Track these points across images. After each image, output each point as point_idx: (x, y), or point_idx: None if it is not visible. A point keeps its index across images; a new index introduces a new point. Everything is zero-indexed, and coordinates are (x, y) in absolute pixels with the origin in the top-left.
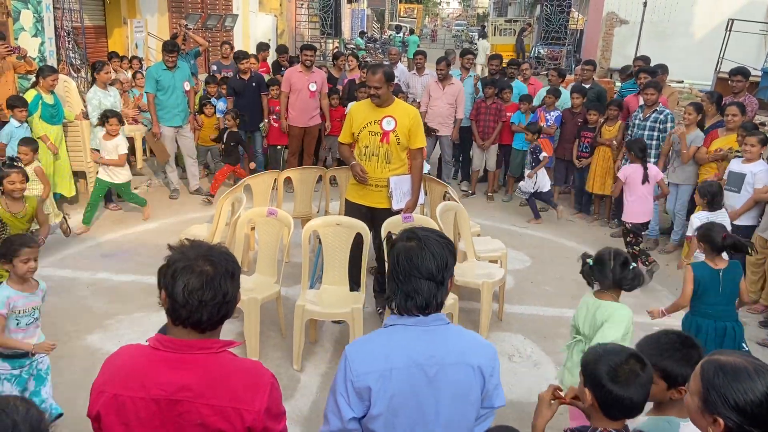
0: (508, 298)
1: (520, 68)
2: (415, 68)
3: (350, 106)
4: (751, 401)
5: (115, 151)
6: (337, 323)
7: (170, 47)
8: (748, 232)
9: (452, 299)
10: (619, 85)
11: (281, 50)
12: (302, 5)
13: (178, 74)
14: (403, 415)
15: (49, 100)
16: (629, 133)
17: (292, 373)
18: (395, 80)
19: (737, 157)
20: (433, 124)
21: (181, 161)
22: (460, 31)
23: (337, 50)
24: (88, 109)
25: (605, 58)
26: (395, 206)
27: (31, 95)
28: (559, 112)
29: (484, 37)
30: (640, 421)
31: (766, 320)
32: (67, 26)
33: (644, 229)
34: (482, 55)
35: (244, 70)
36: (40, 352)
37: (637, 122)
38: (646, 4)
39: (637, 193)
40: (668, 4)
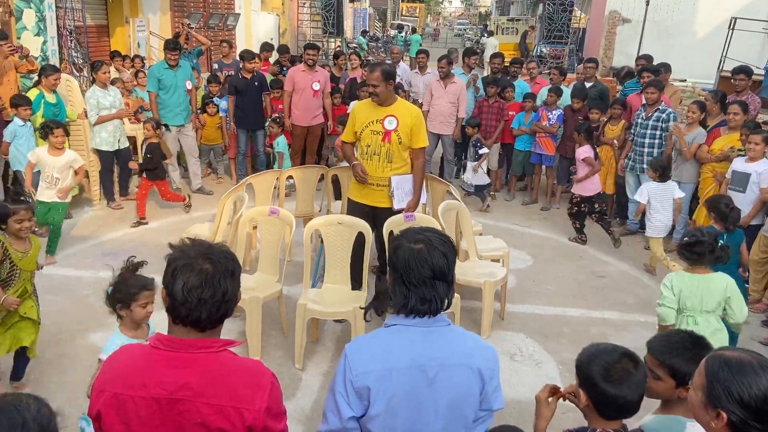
0: (509, 297)
1: (527, 67)
2: (417, 67)
3: (352, 105)
4: (755, 395)
5: (67, 169)
6: (338, 322)
7: (172, 45)
8: (754, 231)
9: (454, 298)
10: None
11: (282, 50)
12: (304, 4)
13: (180, 73)
14: (401, 415)
15: (51, 99)
16: (632, 132)
17: (293, 372)
18: (396, 79)
19: (740, 156)
20: (435, 123)
21: (183, 160)
22: (463, 29)
23: (338, 49)
24: (86, 108)
25: (608, 56)
26: (396, 206)
27: (33, 94)
28: (560, 110)
29: (490, 35)
30: (646, 419)
31: None
32: (69, 25)
33: (591, 201)
34: (490, 52)
35: (249, 69)
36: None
37: (639, 121)
38: (648, 2)
39: (587, 171)
40: (671, 2)
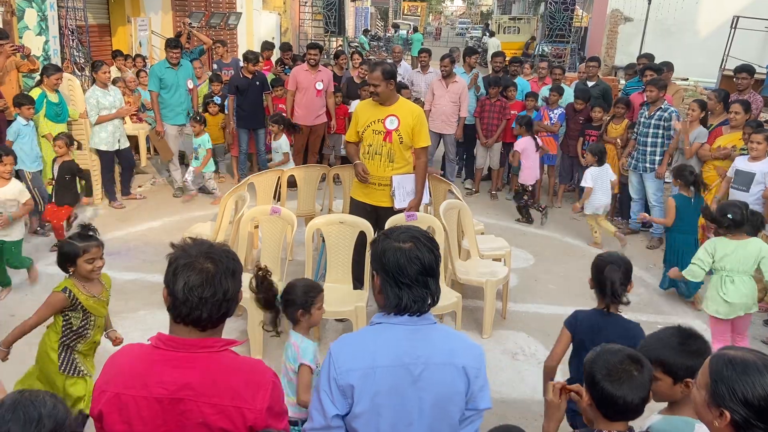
0: (511, 296)
1: (540, 66)
2: (419, 66)
3: (353, 104)
4: (759, 395)
5: (15, 202)
6: (340, 321)
7: (173, 43)
8: None
9: (456, 297)
10: (623, 82)
11: (285, 48)
12: (306, 3)
13: (181, 72)
14: (386, 414)
15: (53, 98)
16: (635, 131)
17: None
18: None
19: (742, 155)
20: (436, 122)
21: (185, 159)
22: (465, 29)
23: (339, 48)
24: (86, 108)
25: (609, 55)
26: (397, 205)
27: (36, 94)
28: (562, 109)
29: (492, 35)
30: (653, 418)
31: None
32: (71, 25)
33: (532, 189)
34: (492, 52)
35: (251, 70)
36: None
37: (642, 120)
38: (650, 1)
39: (530, 160)
40: (673, 1)
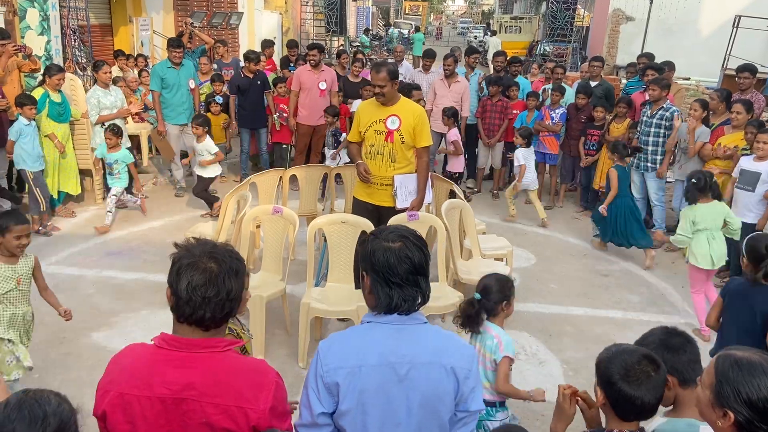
0: None
1: (548, 66)
2: (421, 66)
3: (355, 104)
4: (763, 397)
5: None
6: (342, 321)
7: (176, 43)
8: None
9: (458, 297)
10: (624, 82)
11: (291, 44)
12: (307, 3)
13: (183, 72)
14: (372, 412)
15: (56, 98)
16: (637, 130)
17: (297, 370)
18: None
19: (745, 154)
20: (438, 122)
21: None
22: (465, 28)
23: (341, 48)
24: (87, 108)
25: (611, 55)
26: (399, 205)
27: (38, 94)
28: (563, 109)
29: (493, 34)
30: (658, 421)
31: None
32: (73, 24)
33: (460, 176)
34: (493, 51)
35: (252, 69)
36: None
37: (644, 119)
38: (652, 0)
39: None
40: (675, 0)
